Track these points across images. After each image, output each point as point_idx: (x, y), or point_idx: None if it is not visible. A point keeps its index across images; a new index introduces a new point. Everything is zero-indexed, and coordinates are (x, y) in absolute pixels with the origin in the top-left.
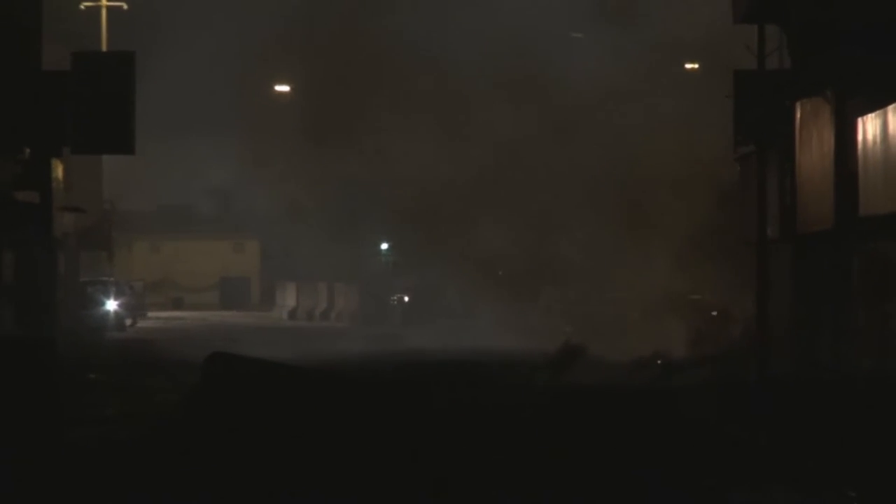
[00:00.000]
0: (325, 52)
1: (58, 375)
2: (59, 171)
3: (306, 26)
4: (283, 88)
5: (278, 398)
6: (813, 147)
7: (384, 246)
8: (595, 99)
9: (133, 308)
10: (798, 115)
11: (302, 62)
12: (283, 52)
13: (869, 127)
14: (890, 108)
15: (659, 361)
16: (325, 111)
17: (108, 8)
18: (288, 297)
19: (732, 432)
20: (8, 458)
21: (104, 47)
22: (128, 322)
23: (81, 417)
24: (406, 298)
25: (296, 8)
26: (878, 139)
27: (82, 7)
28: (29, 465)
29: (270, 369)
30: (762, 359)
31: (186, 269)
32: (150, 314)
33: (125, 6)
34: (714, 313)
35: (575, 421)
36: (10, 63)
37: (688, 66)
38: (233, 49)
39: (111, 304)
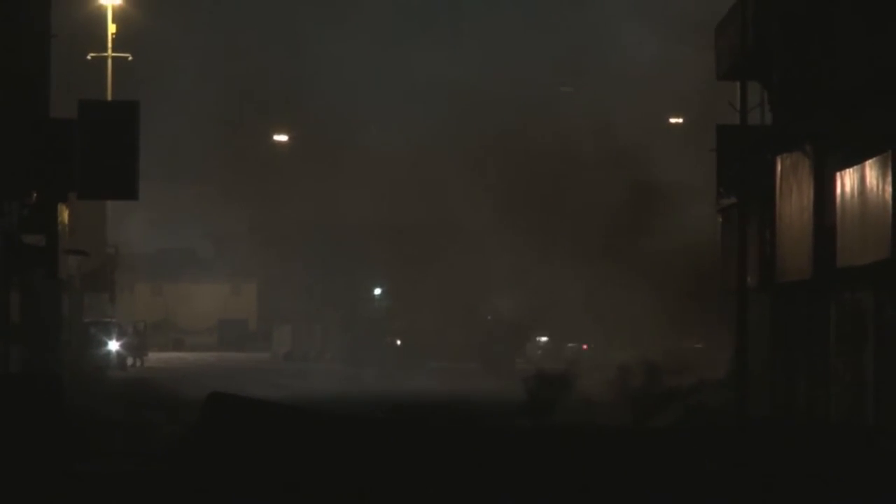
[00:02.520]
0: (321, 102)
1: (65, 410)
2: (64, 215)
3: (303, 77)
4: (281, 137)
5: (274, 436)
6: (793, 200)
7: (377, 290)
8: (581, 152)
9: (137, 348)
10: (778, 168)
11: (298, 111)
12: (281, 101)
13: (847, 181)
14: (867, 163)
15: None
16: (320, 160)
17: (113, 58)
18: (284, 339)
19: (711, 473)
20: (17, 488)
21: (109, 96)
22: (129, 362)
23: (84, 452)
24: (398, 342)
25: (293, 59)
26: (856, 193)
27: (88, 57)
28: (37, 495)
29: (267, 408)
30: (741, 403)
31: (186, 310)
32: (150, 354)
33: (129, 57)
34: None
35: (562, 460)
36: (19, 110)
37: (672, 120)
38: (232, 98)
39: (113, 345)
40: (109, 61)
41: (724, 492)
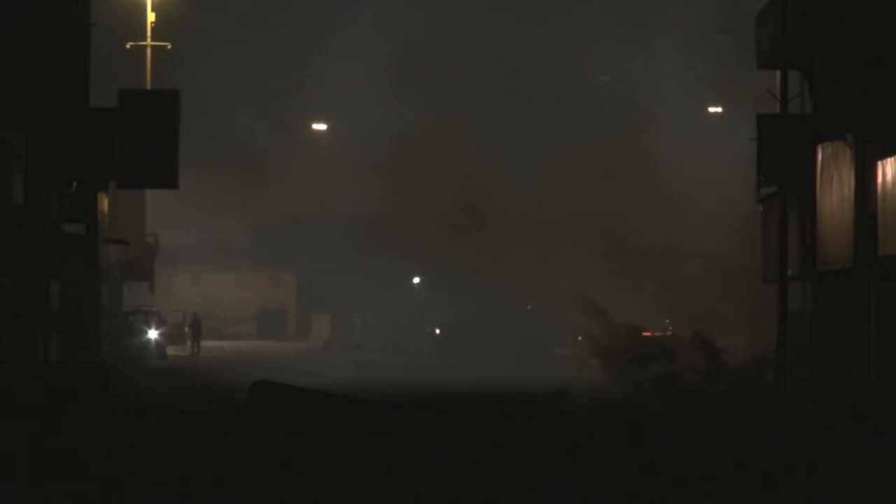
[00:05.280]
0: (362, 90)
1: (108, 400)
2: (104, 204)
3: (345, 66)
4: (320, 127)
5: (319, 424)
6: (833, 189)
7: (416, 279)
8: (620, 140)
9: (193, 337)
10: (819, 157)
11: (339, 101)
12: (319, 90)
13: (888, 170)
14: None
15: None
16: (360, 149)
17: (153, 48)
18: (323, 328)
19: (752, 463)
20: (59, 479)
21: (148, 86)
22: (192, 351)
23: (127, 442)
24: (437, 331)
25: (332, 49)
26: None
27: (128, 47)
28: (81, 486)
29: (311, 397)
30: (782, 392)
31: (225, 300)
32: (187, 343)
33: (169, 46)
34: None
35: (596, 450)
36: (59, 99)
37: (711, 109)
38: (272, 87)
39: (152, 333)
40: (149, 50)
41: (763, 480)
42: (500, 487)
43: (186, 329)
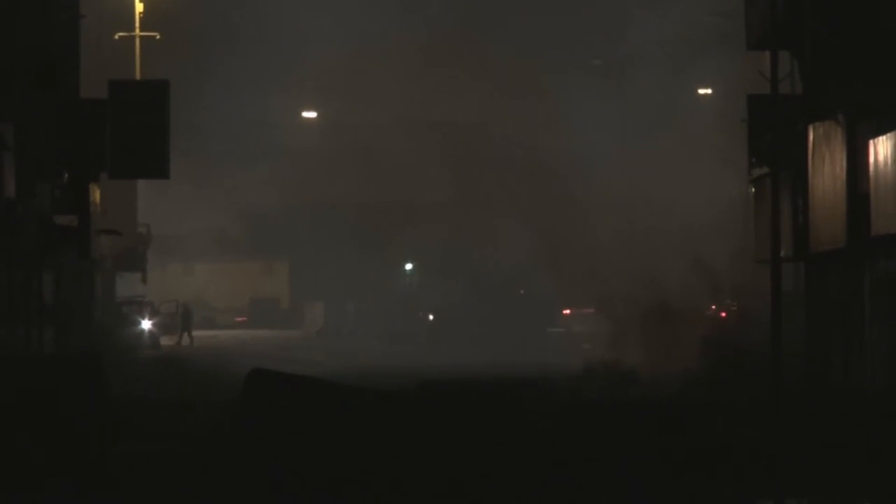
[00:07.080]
0: (350, 78)
1: (106, 391)
2: (96, 195)
3: (332, 54)
4: (310, 115)
5: (316, 411)
6: (825, 169)
7: (408, 266)
8: (610, 127)
9: (184, 328)
10: (811, 137)
11: (328, 89)
12: (309, 78)
13: (880, 149)
14: None
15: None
16: (351, 136)
17: (142, 38)
18: (316, 317)
19: (750, 446)
20: (59, 470)
21: (138, 76)
22: (184, 341)
23: (124, 432)
24: (430, 317)
25: (321, 37)
26: (889, 161)
27: (116, 37)
28: (80, 477)
29: (308, 384)
30: (777, 375)
31: (218, 290)
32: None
33: (157, 36)
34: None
35: (592, 433)
36: (50, 91)
37: (701, 91)
38: (262, 76)
39: (146, 324)
40: (137, 41)
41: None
42: (497, 474)
43: (181, 315)
